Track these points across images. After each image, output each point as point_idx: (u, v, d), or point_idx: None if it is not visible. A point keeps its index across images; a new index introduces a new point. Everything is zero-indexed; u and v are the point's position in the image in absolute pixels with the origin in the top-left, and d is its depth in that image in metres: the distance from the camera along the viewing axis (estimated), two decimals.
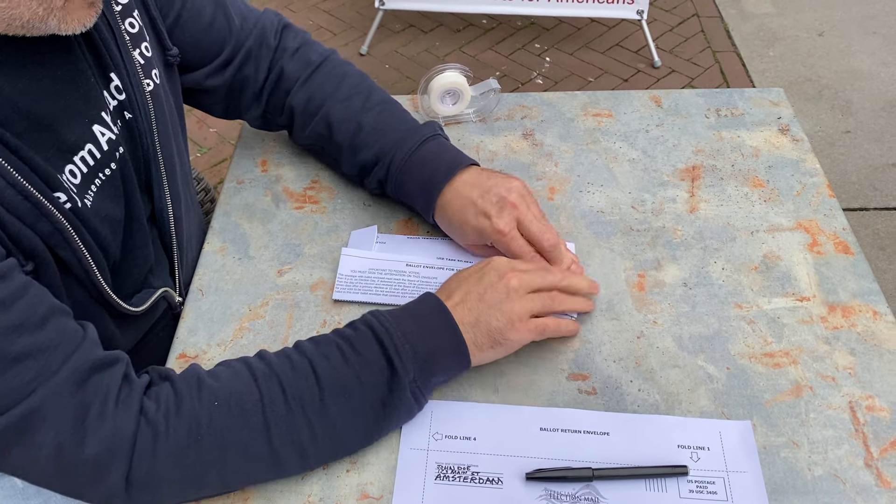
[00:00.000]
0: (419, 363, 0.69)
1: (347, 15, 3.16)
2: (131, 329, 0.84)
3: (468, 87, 1.01)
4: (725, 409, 0.73)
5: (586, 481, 0.67)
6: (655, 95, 1.09)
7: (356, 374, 0.68)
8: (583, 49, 2.91)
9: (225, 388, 0.66)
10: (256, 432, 0.65)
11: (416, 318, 0.72)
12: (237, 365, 0.69)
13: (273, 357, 0.70)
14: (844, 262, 0.85)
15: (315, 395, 0.67)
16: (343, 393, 0.67)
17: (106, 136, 0.73)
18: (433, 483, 0.68)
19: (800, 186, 0.94)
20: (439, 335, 0.71)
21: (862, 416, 0.72)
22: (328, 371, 0.68)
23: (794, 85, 2.70)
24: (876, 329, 0.79)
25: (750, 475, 0.68)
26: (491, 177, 0.85)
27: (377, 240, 0.90)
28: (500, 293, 0.73)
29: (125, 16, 0.78)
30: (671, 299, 0.82)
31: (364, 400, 0.68)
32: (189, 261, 0.94)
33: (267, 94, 0.97)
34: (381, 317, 0.71)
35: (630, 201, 0.94)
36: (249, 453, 0.65)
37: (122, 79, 0.77)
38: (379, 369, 0.68)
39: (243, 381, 0.67)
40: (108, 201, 0.75)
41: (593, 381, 0.76)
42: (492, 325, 0.72)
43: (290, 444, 0.66)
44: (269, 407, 0.66)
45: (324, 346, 0.70)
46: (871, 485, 0.67)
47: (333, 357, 0.69)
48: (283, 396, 0.66)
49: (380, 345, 0.69)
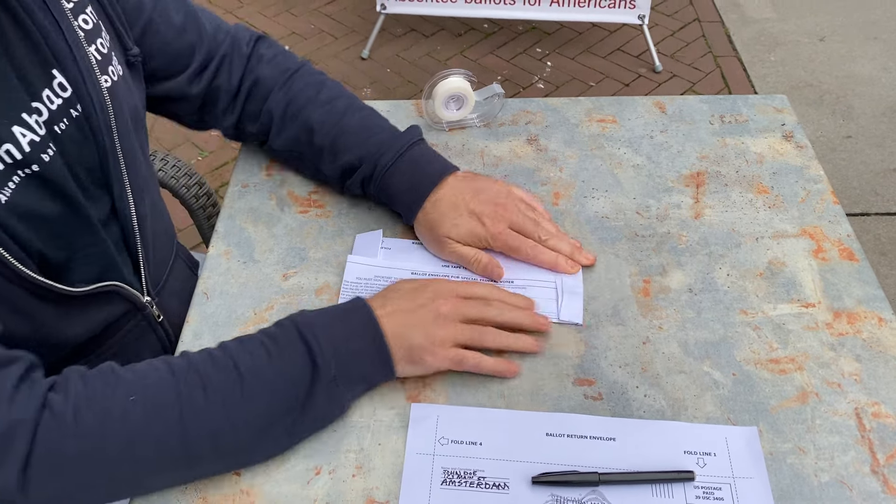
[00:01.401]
0: (341, 363, 0.70)
1: (349, 19, 3.16)
2: (78, 317, 0.82)
3: (472, 93, 1.01)
4: (731, 415, 0.73)
5: (592, 486, 0.67)
6: (660, 102, 1.09)
7: (279, 370, 0.69)
8: (584, 53, 2.91)
9: (141, 381, 0.66)
10: (171, 426, 0.65)
11: (343, 320, 0.73)
12: (156, 362, 0.70)
13: (195, 354, 0.70)
14: (849, 269, 0.85)
15: (236, 387, 0.67)
16: (264, 387, 0.68)
17: (28, 138, 0.71)
18: (439, 488, 0.68)
19: (804, 193, 0.94)
20: (363, 339, 0.72)
21: (868, 423, 0.72)
22: (250, 365, 0.68)
23: (795, 90, 2.71)
24: (881, 335, 0.79)
25: (756, 481, 0.68)
26: (478, 179, 0.88)
27: (382, 244, 0.90)
28: (429, 314, 0.75)
29: (77, 13, 0.78)
30: (676, 305, 0.83)
31: (285, 395, 0.69)
32: (157, 260, 0.92)
33: (242, 100, 0.97)
34: (307, 315, 0.73)
35: (635, 207, 0.94)
36: (163, 449, 0.65)
37: (71, 75, 0.76)
38: (301, 365, 0.69)
39: (161, 375, 0.67)
40: (32, 199, 0.72)
41: (599, 387, 0.76)
42: (413, 343, 0.73)
43: (206, 437, 0.66)
44: (187, 400, 0.66)
45: (248, 343, 0.71)
46: (878, 491, 0.67)
47: (256, 353, 0.69)
48: (202, 389, 0.66)
49: (303, 342, 0.70)
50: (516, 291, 0.84)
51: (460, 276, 0.86)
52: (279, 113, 0.95)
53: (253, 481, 0.70)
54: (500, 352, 0.78)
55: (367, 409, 0.75)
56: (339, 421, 0.74)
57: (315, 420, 0.72)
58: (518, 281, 0.85)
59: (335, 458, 0.71)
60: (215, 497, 0.69)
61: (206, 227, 1.29)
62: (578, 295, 0.84)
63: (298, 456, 0.71)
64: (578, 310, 0.82)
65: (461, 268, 0.87)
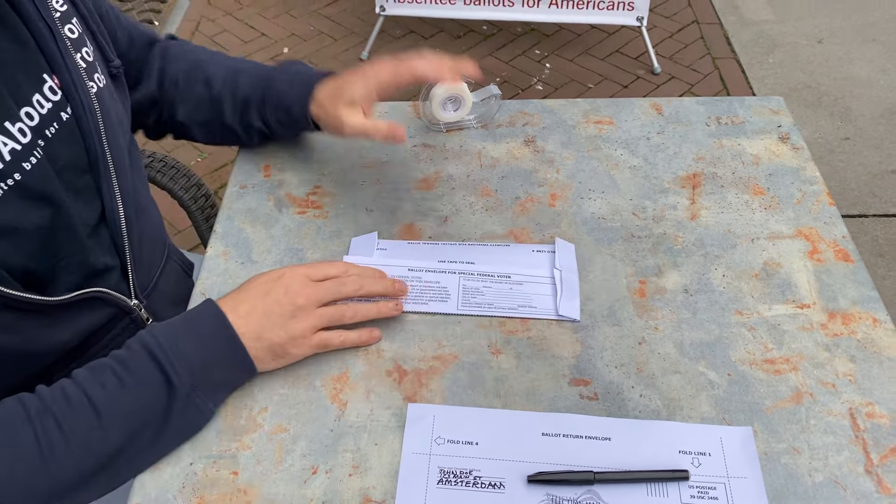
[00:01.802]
0: (195, 375, 0.71)
1: (348, 20, 3.17)
2: (63, 325, 0.81)
3: (469, 94, 1.02)
4: (726, 416, 0.73)
5: (588, 484, 0.68)
6: (656, 103, 1.09)
7: (134, 396, 0.69)
8: (583, 55, 2.92)
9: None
10: (35, 471, 0.65)
11: (195, 330, 0.74)
12: (10, 403, 0.68)
13: (47, 392, 0.69)
14: (844, 270, 0.86)
15: (94, 424, 0.67)
16: (123, 417, 0.68)
17: (9, 147, 0.71)
18: (435, 487, 0.69)
19: (800, 194, 0.95)
20: (218, 347, 0.73)
21: (862, 423, 0.72)
22: (104, 398, 0.68)
23: (793, 92, 2.71)
24: (876, 336, 0.79)
25: (751, 481, 0.68)
26: None
27: (378, 246, 0.91)
28: (285, 310, 0.75)
29: (64, 22, 0.80)
30: (672, 306, 0.83)
31: (145, 418, 0.69)
32: (145, 264, 0.93)
33: (162, 89, 1.03)
34: (155, 333, 0.72)
35: (631, 208, 0.94)
36: (29, 492, 0.65)
37: (63, 79, 0.78)
38: (156, 386, 0.69)
39: (15, 423, 0.66)
40: (14, 212, 0.72)
41: (595, 387, 0.76)
42: (273, 342, 0.75)
43: (74, 477, 0.66)
44: (46, 444, 0.65)
45: (98, 372, 0.70)
46: (872, 491, 0.67)
47: (108, 383, 0.69)
48: (60, 432, 0.66)
49: (154, 361, 0.70)
50: (513, 287, 0.85)
51: (456, 272, 0.86)
52: (182, 80, 1.01)
53: (250, 480, 0.70)
54: None
55: (364, 409, 0.75)
56: (337, 421, 0.74)
57: (179, 432, 0.72)
58: (515, 276, 0.86)
59: (332, 458, 0.71)
60: (212, 496, 0.69)
61: (204, 228, 1.29)
62: (575, 291, 0.84)
63: (295, 455, 0.72)
64: (576, 306, 0.83)
65: (456, 262, 0.88)
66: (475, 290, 0.85)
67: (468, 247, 0.90)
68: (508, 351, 0.79)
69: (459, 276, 0.87)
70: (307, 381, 0.78)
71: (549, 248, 0.89)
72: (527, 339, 0.80)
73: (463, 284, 0.86)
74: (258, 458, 0.72)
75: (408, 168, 1.01)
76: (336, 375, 0.78)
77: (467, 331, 0.81)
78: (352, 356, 0.80)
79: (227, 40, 3.06)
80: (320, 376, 0.78)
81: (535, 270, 0.87)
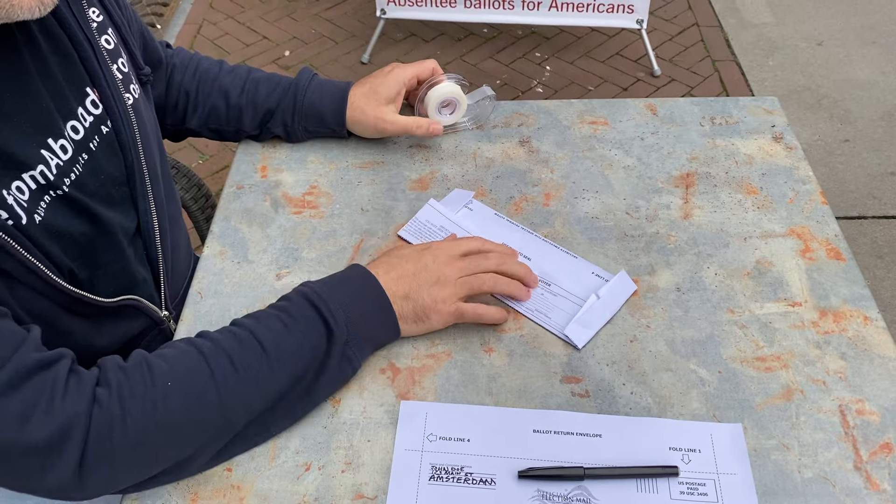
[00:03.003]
0: (352, 326, 0.74)
1: (349, 24, 3.18)
2: (104, 330, 0.84)
3: (465, 97, 1.02)
4: (717, 413, 0.74)
5: (578, 480, 0.68)
6: (651, 104, 1.10)
7: (298, 339, 0.72)
8: (583, 58, 2.93)
9: (175, 368, 0.68)
10: (211, 406, 0.67)
11: (348, 286, 0.77)
12: (182, 345, 0.71)
13: (217, 334, 0.72)
14: (836, 268, 0.86)
15: (263, 363, 0.70)
16: (289, 358, 0.71)
17: (55, 161, 0.73)
18: (427, 483, 0.69)
19: (793, 194, 0.95)
20: (370, 302, 0.76)
21: (852, 420, 0.72)
22: (272, 340, 0.71)
23: (793, 94, 2.72)
24: (866, 334, 0.80)
25: (740, 477, 0.68)
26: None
27: (468, 204, 0.95)
28: (431, 276, 0.79)
29: (101, 32, 0.81)
30: (664, 304, 0.83)
31: (307, 363, 0.72)
32: (176, 275, 0.95)
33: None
34: (313, 286, 0.76)
35: (625, 207, 0.95)
36: (206, 426, 0.68)
37: (103, 92, 0.79)
38: (317, 332, 0.73)
39: (192, 359, 0.69)
40: (62, 218, 0.74)
41: (586, 384, 0.77)
42: (418, 303, 0.78)
43: (244, 413, 0.69)
44: (221, 380, 0.68)
45: (264, 319, 0.74)
46: (861, 487, 0.68)
47: (275, 327, 0.72)
48: (233, 368, 0.69)
49: (315, 309, 0.73)
50: (545, 294, 0.85)
51: (519, 248, 0.88)
52: (193, 91, 1.04)
53: (244, 477, 0.71)
54: None
55: (357, 406, 0.76)
56: (329, 418, 0.75)
57: (330, 384, 0.75)
58: (556, 287, 0.85)
59: (325, 454, 0.72)
60: (206, 492, 0.70)
61: (204, 228, 1.30)
62: (597, 324, 0.81)
63: (289, 452, 0.72)
64: (586, 336, 0.80)
65: (518, 250, 0.89)
66: None
67: (541, 241, 0.90)
68: (501, 349, 0.80)
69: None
70: None
71: (607, 276, 0.86)
72: (519, 337, 0.81)
73: None
74: (252, 454, 0.72)
75: (403, 168, 1.02)
76: None
77: (460, 329, 0.82)
78: None
79: (229, 43, 3.08)
80: None
81: (577, 289, 0.85)
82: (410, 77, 1.01)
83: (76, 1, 0.79)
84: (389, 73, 1.01)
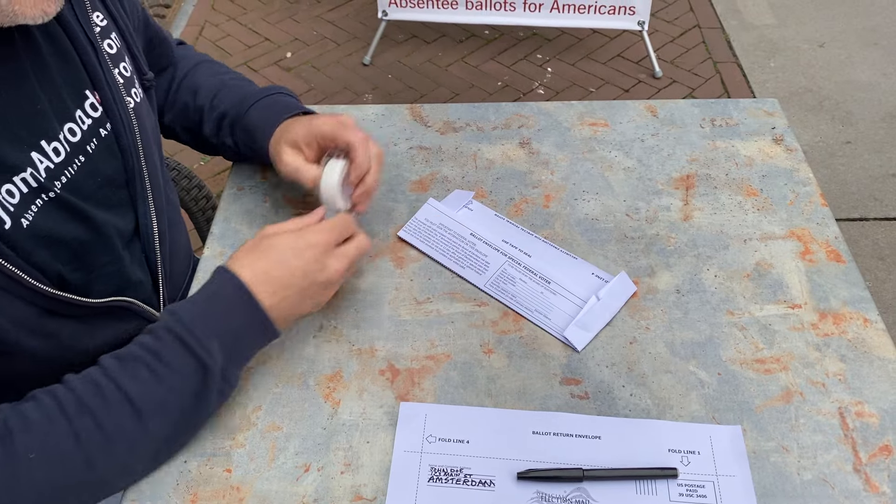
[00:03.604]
0: (227, 353, 0.71)
1: (351, 25, 3.18)
2: (95, 332, 0.83)
3: (335, 182, 0.85)
4: (716, 414, 0.74)
5: (577, 482, 0.68)
6: (651, 105, 1.10)
7: (169, 387, 0.68)
8: (584, 60, 2.93)
9: (37, 437, 0.64)
10: (79, 471, 0.65)
11: (215, 304, 0.72)
12: (47, 402, 0.66)
13: (80, 387, 0.67)
14: (836, 270, 0.86)
15: (135, 420, 0.67)
16: (161, 409, 0.68)
17: (45, 164, 0.72)
18: (426, 485, 0.69)
19: (793, 195, 0.95)
20: (240, 318, 0.72)
21: (851, 422, 0.72)
22: (141, 393, 0.67)
23: (794, 96, 2.71)
24: (866, 336, 0.79)
25: (739, 479, 0.68)
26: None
27: (467, 204, 0.95)
28: (320, 289, 0.76)
29: (104, 37, 0.81)
30: (664, 306, 0.83)
31: (181, 406, 0.69)
32: (176, 276, 0.94)
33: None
34: (181, 314, 0.70)
35: (625, 209, 0.95)
36: (76, 490, 0.65)
37: (104, 95, 0.80)
38: (192, 373, 0.69)
39: (57, 426, 0.65)
40: (53, 221, 0.74)
41: (586, 386, 0.77)
42: (303, 313, 0.77)
43: (118, 470, 0.67)
44: (87, 444, 0.65)
45: (131, 365, 0.68)
46: (860, 489, 0.68)
47: (142, 376, 0.68)
48: (101, 432, 0.65)
49: (186, 349, 0.69)
50: (545, 292, 0.85)
51: (508, 255, 0.88)
52: (175, 85, 1.03)
53: (243, 478, 0.71)
54: None
55: (357, 407, 0.76)
56: (329, 419, 0.75)
57: (214, 405, 0.73)
58: (555, 285, 0.85)
59: (324, 456, 0.72)
60: (206, 493, 0.70)
61: (206, 230, 1.30)
62: (597, 326, 0.81)
63: (288, 453, 0.72)
64: (586, 338, 0.80)
65: (517, 249, 0.90)
66: (511, 277, 0.86)
67: (540, 242, 0.90)
68: (500, 350, 0.80)
69: (506, 260, 0.88)
70: (301, 380, 0.78)
71: (607, 277, 0.86)
72: (519, 339, 0.81)
73: (504, 268, 0.87)
74: (251, 455, 0.73)
75: (403, 170, 1.02)
76: (329, 374, 0.79)
77: (460, 330, 0.82)
78: (346, 356, 0.80)
79: (231, 45, 3.08)
80: (314, 375, 0.79)
81: (578, 289, 0.85)
82: (327, 133, 0.86)
83: (80, 5, 0.79)
84: (309, 121, 0.88)
